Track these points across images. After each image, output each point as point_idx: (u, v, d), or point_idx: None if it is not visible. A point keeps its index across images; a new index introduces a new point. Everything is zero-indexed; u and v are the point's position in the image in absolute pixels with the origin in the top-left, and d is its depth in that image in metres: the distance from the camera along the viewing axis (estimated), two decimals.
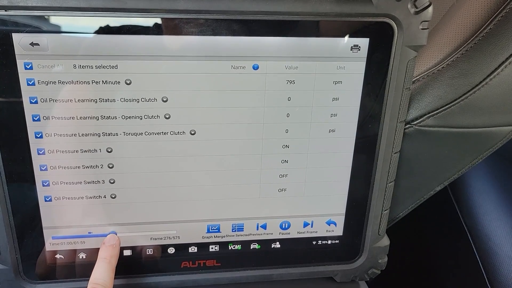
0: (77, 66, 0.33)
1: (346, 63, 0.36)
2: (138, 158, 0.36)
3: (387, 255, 0.44)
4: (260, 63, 0.35)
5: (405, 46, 0.35)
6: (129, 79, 0.34)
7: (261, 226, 0.41)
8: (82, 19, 0.32)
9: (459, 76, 0.39)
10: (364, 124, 0.38)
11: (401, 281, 0.74)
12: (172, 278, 0.41)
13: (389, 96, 0.37)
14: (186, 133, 0.36)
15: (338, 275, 0.44)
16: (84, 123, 0.35)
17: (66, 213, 0.37)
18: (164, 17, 0.32)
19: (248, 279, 0.43)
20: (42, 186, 0.36)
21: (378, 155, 0.39)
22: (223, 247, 0.41)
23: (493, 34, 0.37)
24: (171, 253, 0.41)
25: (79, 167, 0.36)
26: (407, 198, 0.46)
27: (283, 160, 0.39)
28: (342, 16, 0.34)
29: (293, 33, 0.34)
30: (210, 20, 0.33)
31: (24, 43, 0.32)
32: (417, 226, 0.73)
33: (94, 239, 0.39)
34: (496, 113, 0.41)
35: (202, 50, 0.34)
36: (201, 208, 0.39)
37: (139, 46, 0.33)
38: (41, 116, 0.34)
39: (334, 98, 0.37)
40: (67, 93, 0.33)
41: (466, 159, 0.44)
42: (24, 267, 0.38)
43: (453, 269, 0.64)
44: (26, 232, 0.37)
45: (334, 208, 0.42)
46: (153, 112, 0.35)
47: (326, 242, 0.43)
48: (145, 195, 0.38)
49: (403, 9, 0.34)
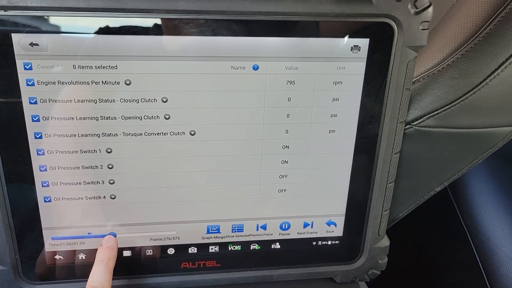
0: (76, 67, 0.33)
1: (346, 63, 0.36)
2: (138, 159, 0.36)
3: (387, 256, 0.44)
4: (260, 63, 0.35)
5: (405, 47, 0.35)
6: (128, 80, 0.34)
7: (261, 226, 0.41)
8: (82, 20, 0.32)
9: (459, 76, 0.39)
10: (364, 125, 0.38)
11: (401, 282, 0.74)
12: (172, 279, 0.41)
13: (389, 97, 0.37)
14: (186, 133, 0.36)
15: (338, 275, 0.44)
16: (84, 123, 0.35)
17: (65, 214, 0.37)
18: (164, 17, 0.32)
19: (248, 279, 0.43)
20: (42, 186, 0.36)
21: (378, 155, 0.39)
22: (223, 247, 0.41)
23: (493, 35, 0.37)
24: (171, 253, 0.41)
25: (79, 167, 0.36)
26: (407, 199, 0.46)
27: (283, 161, 0.39)
28: (342, 16, 0.34)
29: (293, 33, 0.34)
30: (210, 21, 0.33)
31: (24, 43, 0.31)
32: (417, 226, 0.73)
33: (94, 239, 0.39)
34: (496, 113, 0.41)
35: (202, 50, 0.34)
36: (201, 209, 0.39)
37: (139, 46, 0.33)
38: (40, 116, 0.34)
39: (334, 98, 0.37)
40: (66, 94, 0.33)
41: (466, 159, 0.44)
42: (23, 268, 0.38)
43: (453, 269, 0.64)
44: (25, 232, 0.37)
45: (334, 209, 0.41)
46: (153, 112, 0.35)
47: (326, 243, 0.43)
48: (145, 196, 0.38)
49: (403, 9, 0.34)
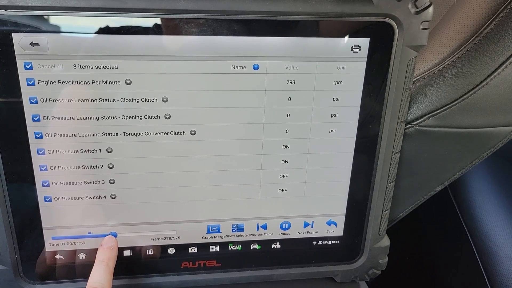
0: (77, 66, 0.33)
1: (347, 63, 0.36)
2: (138, 158, 0.36)
3: (387, 256, 0.44)
4: (260, 63, 0.35)
5: (405, 46, 0.35)
6: (129, 79, 0.34)
7: (262, 226, 0.41)
8: (82, 19, 0.32)
9: (459, 76, 0.39)
10: (364, 124, 0.38)
11: (401, 282, 0.74)
12: (172, 278, 0.41)
13: (390, 96, 0.37)
14: (186, 133, 0.36)
15: (338, 275, 0.44)
16: (84, 123, 0.35)
17: (66, 214, 0.37)
18: (164, 17, 0.32)
19: (249, 279, 0.43)
20: (42, 186, 0.36)
21: (379, 155, 0.39)
22: (223, 247, 0.41)
23: (494, 35, 0.37)
24: (171, 253, 0.41)
25: (79, 167, 0.36)
26: (408, 199, 0.46)
27: (283, 160, 0.39)
28: (342, 16, 0.34)
29: (293, 33, 0.34)
30: (210, 20, 0.33)
31: (24, 43, 0.32)
32: (418, 226, 0.74)
33: (94, 239, 0.39)
34: (496, 113, 0.41)
35: (202, 50, 0.34)
36: (201, 209, 0.39)
37: (139, 46, 0.33)
38: (41, 116, 0.34)
39: (335, 98, 0.37)
40: (67, 93, 0.33)
41: (466, 159, 0.44)
42: (24, 268, 0.38)
43: (453, 269, 0.64)
44: (26, 232, 0.37)
45: (335, 209, 0.41)
46: (153, 112, 0.35)
47: (326, 243, 0.43)
48: (145, 195, 0.38)
49: (403, 9, 0.34)
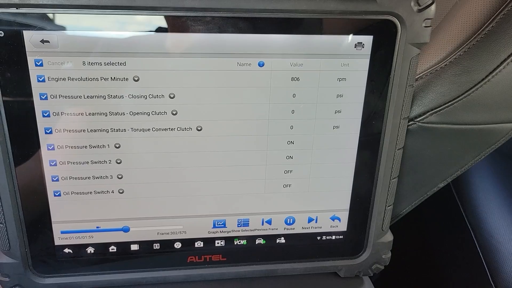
0: (86, 63, 0.33)
1: (350, 60, 0.36)
2: (146, 154, 0.37)
3: (390, 251, 0.45)
4: (265, 60, 0.36)
5: (408, 44, 0.36)
6: (137, 76, 0.34)
7: (266, 221, 0.42)
8: (92, 17, 0.32)
9: (461, 73, 0.39)
10: (368, 121, 0.39)
11: (404, 277, 0.75)
12: (179, 272, 0.42)
13: (393, 93, 0.37)
14: (193, 129, 0.37)
15: (342, 270, 0.45)
16: (93, 119, 0.35)
17: (74, 208, 0.38)
18: (171, 15, 0.33)
19: (253, 273, 0.43)
20: (52, 181, 0.37)
21: (382, 151, 0.39)
22: (229, 242, 0.42)
23: (495, 32, 0.38)
24: (177, 248, 0.41)
25: (88, 162, 0.37)
26: (411, 194, 0.46)
27: (288, 156, 0.39)
28: (346, 14, 0.34)
29: (298, 30, 0.35)
30: (216, 18, 0.33)
31: (35, 40, 0.32)
32: (421, 223, 0.74)
33: (102, 233, 0.39)
34: (498, 110, 0.41)
35: (209, 47, 0.34)
36: (207, 204, 0.40)
37: (147, 43, 0.34)
38: (51, 112, 0.34)
39: (338, 95, 0.38)
40: (76, 90, 0.34)
41: (469, 155, 0.44)
42: (33, 261, 0.39)
43: (456, 266, 0.64)
44: (35, 226, 0.38)
45: (338, 204, 0.42)
46: (161, 108, 0.36)
47: (330, 238, 0.43)
48: (152, 190, 0.38)
49: (406, 7, 0.34)
